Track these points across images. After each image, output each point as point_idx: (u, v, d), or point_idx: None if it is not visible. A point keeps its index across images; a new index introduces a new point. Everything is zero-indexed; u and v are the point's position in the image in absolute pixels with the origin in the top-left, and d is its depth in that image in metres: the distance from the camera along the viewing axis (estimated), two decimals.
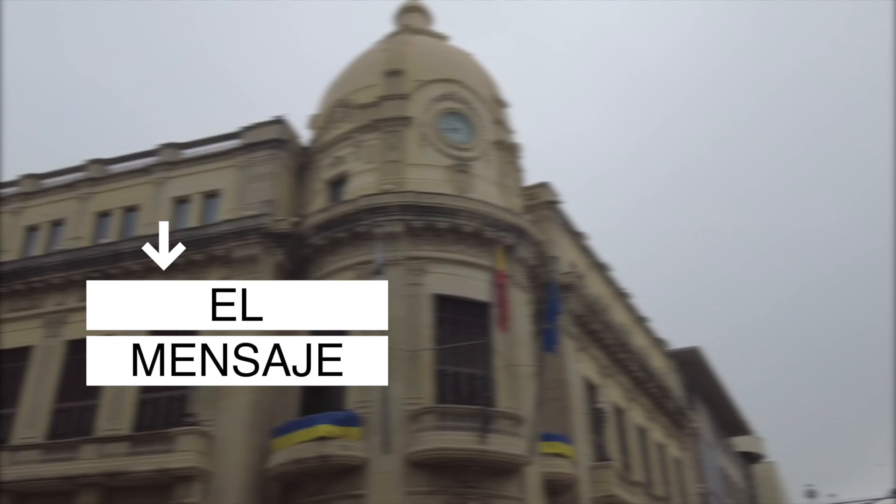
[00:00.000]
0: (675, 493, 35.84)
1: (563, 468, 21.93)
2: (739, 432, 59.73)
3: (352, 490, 18.98)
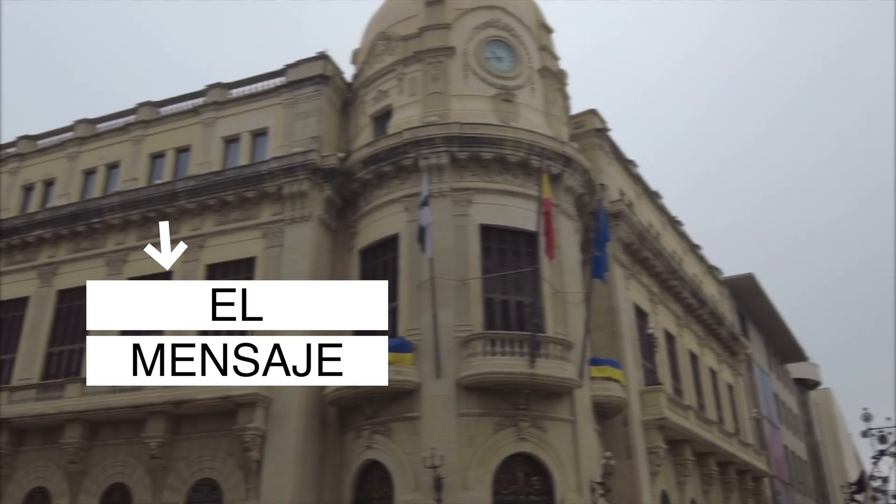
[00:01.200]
0: (728, 417, 35.95)
1: (612, 391, 22.19)
2: (794, 359, 59.17)
3: (406, 413, 19.63)
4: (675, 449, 26.64)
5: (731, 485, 32.55)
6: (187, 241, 24.50)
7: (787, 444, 49.88)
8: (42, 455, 23.46)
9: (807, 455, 58.53)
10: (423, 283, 20.40)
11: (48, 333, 25.77)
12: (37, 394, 23.50)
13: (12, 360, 25.95)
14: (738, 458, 32.47)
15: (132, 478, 21.88)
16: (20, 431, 23.93)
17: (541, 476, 19.31)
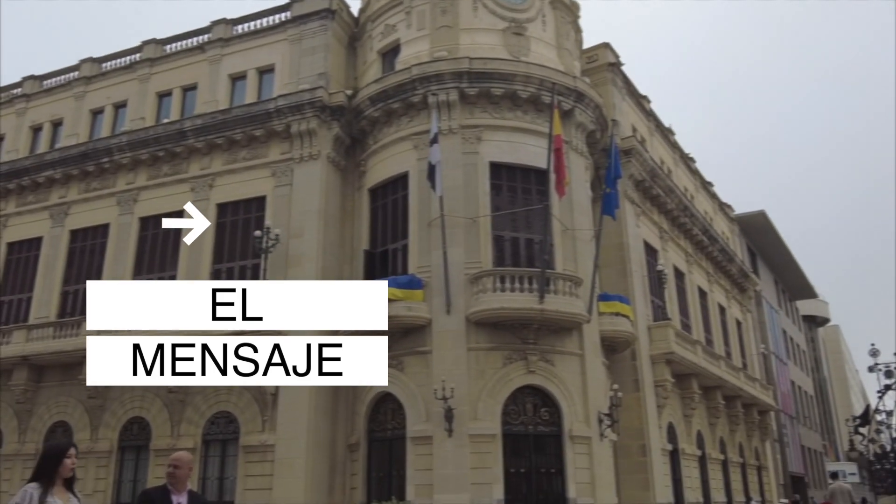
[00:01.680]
0: (736, 353, 36.34)
1: (621, 326, 22.41)
2: (804, 296, 59.46)
3: (417, 347, 19.96)
4: (682, 382, 27.04)
5: (738, 418, 33.14)
6: (197, 180, 24.58)
7: (794, 380, 50.51)
8: (62, 391, 24.07)
9: (813, 390, 59.30)
10: (433, 221, 20.44)
11: (62, 273, 26.12)
12: (54, 332, 23.96)
13: (29, 300, 26.41)
14: (745, 392, 32.94)
15: (150, 412, 22.47)
16: (40, 368, 24.51)
17: (549, 407, 19.72)
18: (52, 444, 5.28)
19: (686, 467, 26.52)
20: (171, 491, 5.36)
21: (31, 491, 4.85)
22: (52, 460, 5.01)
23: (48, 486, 4.89)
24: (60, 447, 5.18)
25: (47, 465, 4.99)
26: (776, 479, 39.53)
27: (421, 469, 18.78)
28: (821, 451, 55.57)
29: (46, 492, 4.86)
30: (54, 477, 4.95)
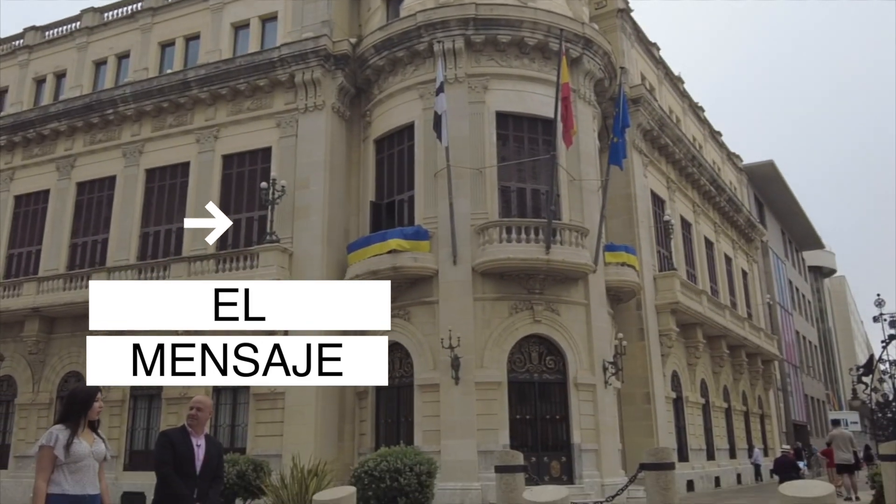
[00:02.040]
0: (741, 303, 36.50)
1: (627, 276, 22.47)
2: (811, 246, 59.36)
3: (424, 297, 20.10)
4: (686, 332, 27.25)
5: (742, 367, 33.45)
6: (201, 131, 24.49)
7: (798, 330, 50.77)
8: (73, 341, 24.40)
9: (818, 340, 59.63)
10: (439, 171, 20.36)
11: (70, 225, 26.24)
12: (64, 283, 24.18)
13: (38, 252, 26.60)
14: (749, 341, 33.18)
15: None
16: (51, 320, 24.81)
17: (554, 356, 19.93)
18: (81, 388, 5.25)
19: (689, 415, 26.92)
20: (191, 433, 5.42)
21: (56, 433, 4.87)
22: (82, 403, 5.02)
23: (75, 429, 4.92)
24: (90, 391, 5.19)
25: (76, 407, 5.00)
26: (779, 427, 40.07)
27: (428, 416, 19.11)
28: (824, 400, 56.14)
29: (74, 433, 4.89)
30: (81, 420, 4.98)
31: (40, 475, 4.75)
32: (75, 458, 4.80)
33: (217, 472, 5.48)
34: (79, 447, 4.84)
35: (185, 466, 5.26)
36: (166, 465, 5.22)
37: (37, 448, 4.90)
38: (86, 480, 4.84)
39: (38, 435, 24.09)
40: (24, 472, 23.94)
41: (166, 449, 5.29)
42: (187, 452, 5.30)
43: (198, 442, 5.39)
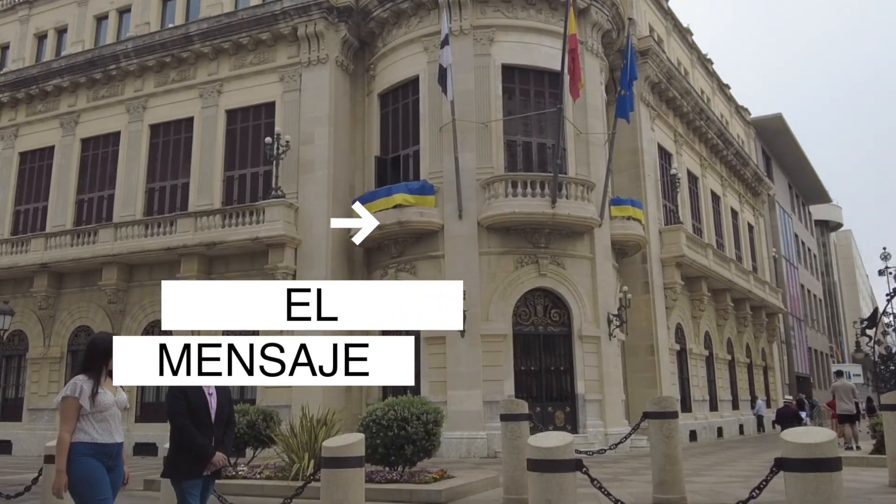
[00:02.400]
0: (746, 256, 36.53)
1: (632, 230, 22.48)
2: (817, 200, 59.08)
3: (430, 252, 20.19)
4: (691, 285, 27.35)
5: (745, 319, 33.63)
6: (205, 86, 24.33)
7: (803, 283, 50.86)
8: (83, 296, 24.66)
9: (822, 294, 59.76)
10: (445, 126, 20.24)
11: (76, 181, 26.28)
12: (71, 239, 24.32)
13: (45, 209, 26.70)
14: (754, 294, 33.30)
15: None
16: (59, 275, 25.02)
17: (559, 309, 20.08)
18: (102, 337, 5.20)
19: (693, 366, 27.19)
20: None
21: (80, 383, 4.83)
22: (105, 353, 4.99)
23: (98, 378, 4.90)
24: (111, 340, 5.16)
25: (98, 357, 4.96)
26: (781, 379, 40.45)
27: (435, 367, 19.37)
28: (827, 353, 56.52)
29: (97, 383, 4.88)
30: (104, 369, 4.97)
31: (65, 426, 4.72)
32: (100, 407, 4.81)
33: (229, 416, 5.54)
34: (103, 396, 4.85)
35: (201, 416, 5.28)
36: (181, 415, 5.23)
37: (60, 399, 4.83)
38: (112, 428, 4.88)
39: (50, 388, 24.52)
40: (38, 425, 24.44)
41: (179, 400, 5.28)
42: (200, 402, 5.32)
43: (209, 390, 5.42)
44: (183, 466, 5.18)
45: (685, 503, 9.39)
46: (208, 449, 5.19)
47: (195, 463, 5.18)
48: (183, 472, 5.17)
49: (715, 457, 18.00)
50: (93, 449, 4.71)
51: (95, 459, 4.69)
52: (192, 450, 5.17)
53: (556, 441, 6.41)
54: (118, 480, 4.93)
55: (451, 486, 10.91)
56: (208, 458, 5.18)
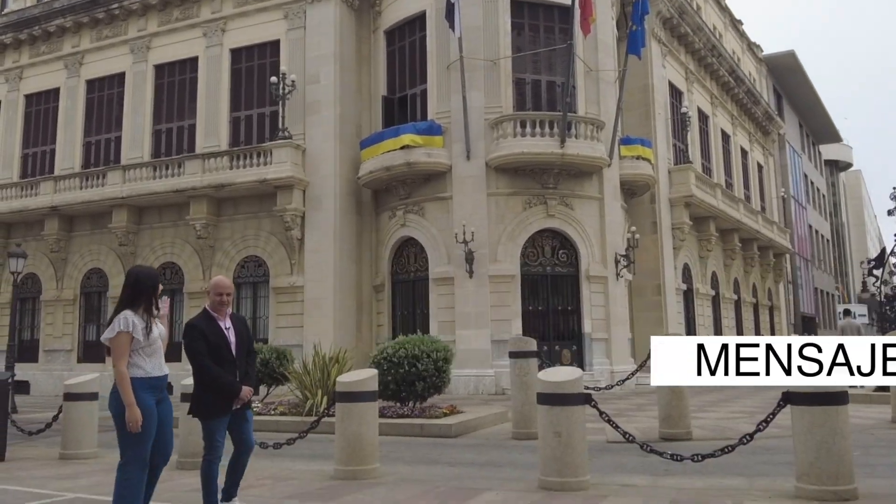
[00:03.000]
0: (755, 196, 36.36)
1: (641, 170, 22.36)
2: (828, 140, 58.40)
3: (438, 193, 20.17)
4: (699, 225, 27.32)
5: (753, 259, 33.66)
6: (208, 24, 23.97)
7: (811, 223, 50.69)
8: (94, 239, 24.83)
9: (830, 234, 59.58)
10: (452, 64, 19.96)
11: (82, 123, 26.16)
12: (80, 182, 24.35)
13: (52, 151, 26.66)
14: (762, 234, 33.27)
15: (181, 257, 23.25)
16: (69, 218, 25.15)
17: (567, 249, 20.15)
18: (146, 271, 5.05)
19: (699, 306, 27.37)
20: (216, 318, 5.27)
21: (131, 317, 4.73)
22: (152, 287, 4.89)
23: (147, 312, 4.82)
24: (155, 273, 5.08)
25: (146, 291, 4.85)
26: (787, 319, 40.71)
27: (443, 307, 19.57)
28: (833, 294, 56.70)
29: (147, 317, 4.81)
30: (151, 303, 4.87)
31: (121, 361, 4.66)
32: (151, 340, 4.80)
33: (250, 347, 5.47)
34: (153, 330, 4.84)
35: (222, 353, 5.18)
36: (202, 355, 5.13)
37: (113, 334, 4.73)
38: (160, 362, 4.89)
39: (64, 330, 24.93)
40: (54, 365, 24.92)
41: (198, 340, 5.16)
42: (220, 339, 5.20)
43: (226, 325, 5.28)
44: (211, 405, 5.16)
45: (691, 437, 9.61)
46: (234, 386, 5.16)
47: (222, 401, 5.16)
48: (211, 411, 5.15)
49: (720, 394, 18.29)
50: (146, 383, 4.72)
51: (148, 394, 4.70)
52: (217, 389, 5.13)
53: (566, 375, 6.55)
54: (169, 411, 4.94)
55: (462, 421, 11.18)
56: (235, 395, 5.15)
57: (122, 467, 4.68)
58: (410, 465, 7.99)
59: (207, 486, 5.19)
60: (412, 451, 9.17)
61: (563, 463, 6.22)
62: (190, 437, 7.96)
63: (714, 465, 6.85)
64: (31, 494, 6.49)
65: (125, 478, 4.64)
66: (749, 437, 6.25)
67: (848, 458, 5.50)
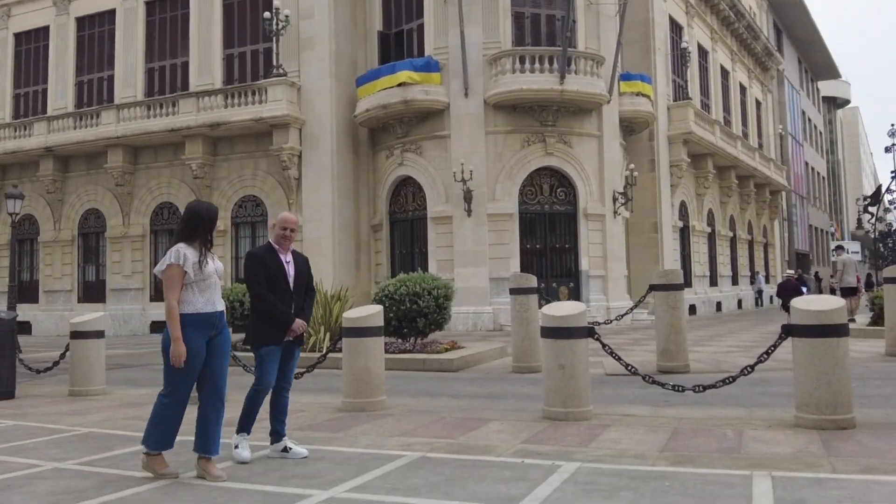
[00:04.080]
0: (753, 133, 36.19)
1: (641, 106, 22.16)
2: (827, 76, 57.78)
3: (436, 131, 20.01)
4: (697, 162, 27.28)
5: (749, 197, 33.74)
6: None
7: (808, 161, 50.58)
8: (90, 179, 24.69)
9: (826, 171, 59.55)
10: None
11: (74, 62, 25.70)
12: (74, 122, 24.06)
13: (44, 91, 26.26)
14: (759, 172, 33.24)
15: (177, 197, 23.17)
16: (64, 159, 24.94)
17: (565, 187, 20.14)
18: (204, 206, 4.88)
19: (695, 243, 27.55)
20: (278, 251, 5.28)
21: (183, 251, 4.59)
22: (209, 221, 4.74)
23: (202, 246, 4.68)
24: (213, 208, 4.90)
25: (202, 225, 4.71)
26: (781, 256, 41.02)
27: (442, 246, 19.66)
28: (827, 231, 56.97)
29: (201, 251, 4.67)
30: (207, 237, 4.73)
31: (171, 294, 4.54)
32: (205, 275, 4.65)
33: (308, 284, 5.46)
34: (208, 264, 4.68)
35: (280, 284, 5.18)
36: (260, 284, 5.12)
37: (164, 267, 4.58)
38: (214, 298, 4.72)
39: (63, 271, 25.00)
40: (55, 306, 25.08)
41: (258, 269, 5.15)
42: (278, 270, 5.20)
43: (286, 259, 5.29)
44: (266, 334, 5.17)
45: (688, 370, 9.81)
46: (288, 317, 5.17)
47: (277, 330, 5.17)
48: (266, 339, 5.16)
49: (715, 329, 18.58)
50: (196, 319, 4.59)
51: (196, 331, 4.58)
52: (272, 317, 5.12)
53: (570, 310, 6.63)
54: (226, 346, 4.82)
55: (463, 356, 11.37)
56: (288, 326, 5.17)
57: (161, 398, 4.65)
58: (415, 397, 8.16)
59: (248, 410, 5.19)
60: (416, 384, 9.36)
61: (567, 394, 6.36)
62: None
63: (713, 397, 7.02)
64: (45, 430, 6.64)
65: (161, 408, 4.62)
66: (750, 368, 6.38)
67: (847, 389, 5.63)
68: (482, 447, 5.39)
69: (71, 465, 5.13)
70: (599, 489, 4.09)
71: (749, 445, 5.17)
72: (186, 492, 4.34)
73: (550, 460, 4.84)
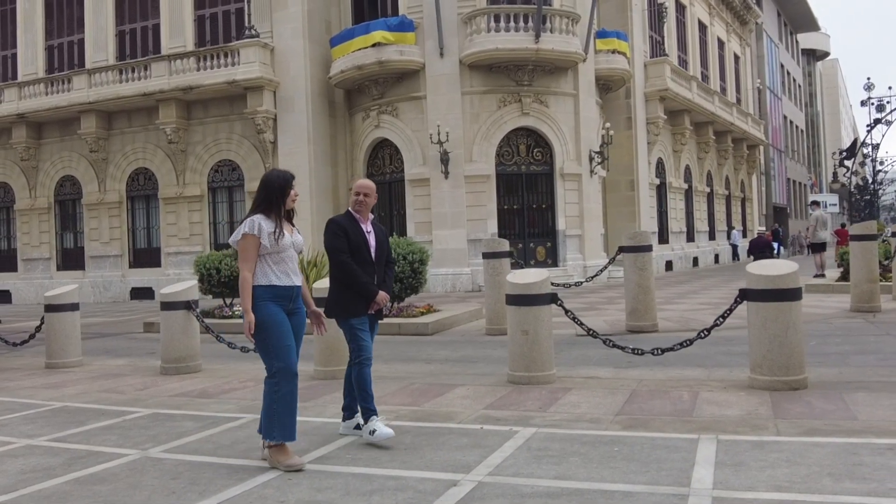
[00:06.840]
0: (731, 88, 36.21)
1: (617, 64, 22.13)
2: (806, 28, 57.61)
3: (411, 93, 19.92)
4: (674, 119, 27.36)
5: (727, 152, 33.93)
6: None
7: (786, 114, 50.73)
8: (64, 146, 24.40)
9: (805, 125, 59.77)
10: None
11: (43, 25, 25.17)
12: (46, 88, 23.67)
13: (14, 56, 25.75)
14: (736, 127, 33.38)
15: (153, 163, 23.00)
16: (38, 125, 24.59)
17: (542, 148, 20.20)
18: (278, 174, 4.60)
19: (672, 199, 27.78)
20: (358, 219, 5.00)
21: (259, 220, 4.35)
22: (281, 190, 4.46)
23: (277, 217, 4.43)
24: (286, 175, 4.61)
25: (275, 195, 4.45)
26: (759, 210, 41.42)
27: (420, 208, 19.73)
28: (805, 184, 57.45)
29: (277, 222, 4.42)
30: (282, 207, 4.47)
31: (246, 265, 4.34)
32: (282, 247, 4.40)
33: (388, 256, 5.21)
34: (283, 236, 4.42)
35: (362, 253, 4.91)
36: (343, 252, 4.86)
37: (239, 236, 4.39)
38: (290, 270, 4.49)
39: (41, 239, 24.85)
40: (34, 274, 24.99)
41: (339, 237, 4.88)
42: (360, 239, 4.93)
43: (367, 228, 5.02)
44: (349, 305, 4.91)
45: (656, 329, 10.06)
46: (371, 287, 4.90)
47: (360, 301, 4.90)
48: (350, 310, 4.90)
49: (689, 286, 18.87)
50: (270, 291, 4.37)
51: (274, 303, 4.37)
52: (355, 288, 4.87)
53: (533, 277, 6.78)
54: (301, 324, 4.57)
55: (438, 319, 11.55)
56: (372, 297, 4.91)
57: (269, 380, 4.41)
58: (388, 363, 8.33)
59: (362, 391, 4.87)
60: (390, 349, 9.52)
61: (530, 359, 6.55)
62: (172, 343, 8.23)
63: (675, 357, 7.24)
64: (21, 405, 6.75)
65: (274, 389, 4.36)
66: (706, 331, 6.57)
67: (799, 351, 5.84)
68: (445, 414, 5.57)
69: (43, 441, 5.25)
70: (549, 455, 4.27)
71: (702, 408, 5.38)
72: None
73: (509, 426, 5.03)
